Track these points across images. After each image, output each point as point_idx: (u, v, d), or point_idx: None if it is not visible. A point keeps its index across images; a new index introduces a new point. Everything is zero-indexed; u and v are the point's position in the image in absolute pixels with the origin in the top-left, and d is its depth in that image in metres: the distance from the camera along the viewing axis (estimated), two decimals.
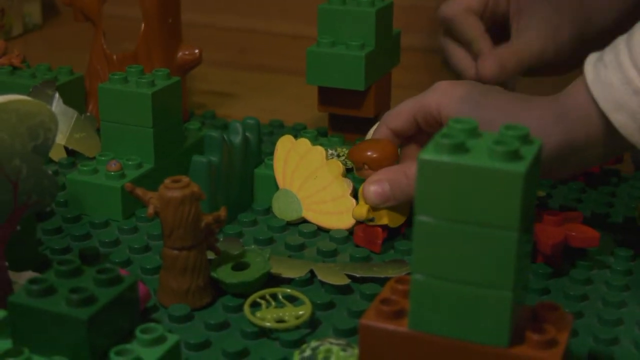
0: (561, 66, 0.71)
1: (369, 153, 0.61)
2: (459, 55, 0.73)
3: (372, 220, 0.61)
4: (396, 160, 0.62)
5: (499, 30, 0.72)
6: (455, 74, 0.75)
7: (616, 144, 0.54)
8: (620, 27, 0.62)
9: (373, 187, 0.60)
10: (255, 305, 0.54)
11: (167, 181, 0.54)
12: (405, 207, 0.62)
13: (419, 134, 0.62)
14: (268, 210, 0.67)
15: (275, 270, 0.57)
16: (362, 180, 0.62)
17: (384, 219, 0.61)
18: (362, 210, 0.61)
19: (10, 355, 0.44)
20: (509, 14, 0.72)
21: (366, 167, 0.61)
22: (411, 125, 0.61)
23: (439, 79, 0.62)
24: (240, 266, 0.57)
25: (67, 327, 0.44)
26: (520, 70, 0.70)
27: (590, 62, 0.54)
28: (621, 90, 0.51)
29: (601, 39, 0.62)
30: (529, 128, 0.42)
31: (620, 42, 0.53)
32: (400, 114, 0.61)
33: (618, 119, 0.52)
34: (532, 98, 0.57)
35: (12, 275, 0.52)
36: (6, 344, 0.45)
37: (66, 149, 0.76)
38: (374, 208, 0.60)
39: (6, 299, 0.45)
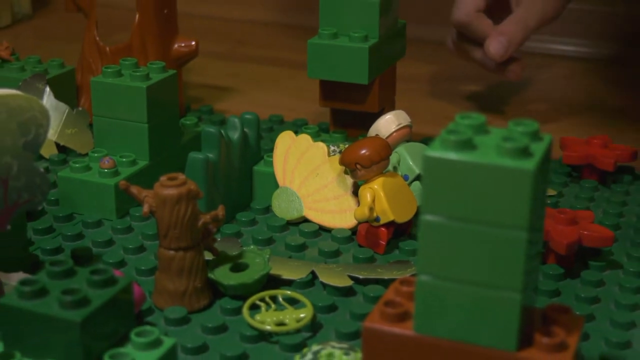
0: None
1: (362, 151, 0.61)
2: (479, 55, 0.83)
3: (377, 220, 0.61)
4: (389, 154, 0.62)
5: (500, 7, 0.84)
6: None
7: None
8: None
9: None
10: (254, 308, 0.54)
11: (162, 179, 0.54)
12: (413, 202, 0.62)
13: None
14: (267, 209, 0.68)
15: (275, 271, 0.58)
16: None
17: (390, 216, 0.61)
18: (364, 211, 0.60)
19: (1, 358, 0.44)
20: None
21: (359, 166, 0.61)
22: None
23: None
24: (238, 267, 0.57)
25: (59, 329, 0.44)
26: (528, 36, 0.80)
27: None
28: None
29: None
30: None
31: None
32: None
33: None
34: None
35: (2, 276, 0.52)
36: None
37: (57, 145, 0.76)
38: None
39: None
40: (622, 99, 0.94)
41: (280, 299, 0.55)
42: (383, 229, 0.61)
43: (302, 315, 0.53)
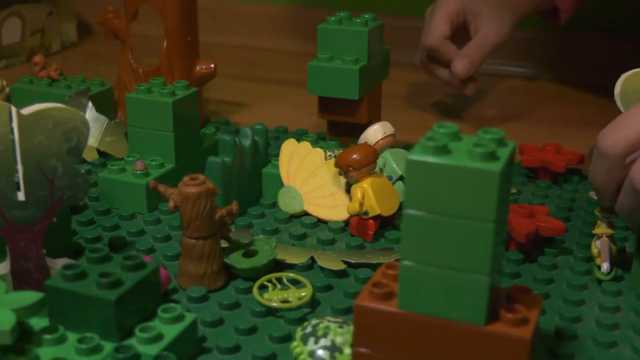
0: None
1: (353, 156, 0.60)
2: (444, 74, 0.84)
3: (366, 213, 0.60)
4: (376, 158, 0.61)
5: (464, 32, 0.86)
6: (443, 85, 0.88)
7: None
8: None
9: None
10: (262, 288, 0.54)
11: (185, 179, 0.53)
12: (396, 198, 0.62)
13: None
14: (274, 205, 0.67)
15: (280, 256, 0.57)
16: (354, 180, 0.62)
17: (377, 210, 0.60)
18: (355, 206, 0.60)
19: (47, 332, 0.44)
20: (467, 20, 0.85)
21: (351, 168, 0.61)
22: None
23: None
24: (249, 253, 0.56)
25: (97, 307, 0.43)
26: (486, 57, 0.82)
27: None
28: None
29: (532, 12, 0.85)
30: None
31: None
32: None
33: None
34: None
35: (49, 261, 0.52)
36: (44, 322, 0.45)
37: (98, 150, 0.76)
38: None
39: (44, 283, 0.45)
40: (550, 110, 0.94)
41: (285, 280, 0.54)
42: (371, 221, 0.61)
43: (303, 294, 0.52)
